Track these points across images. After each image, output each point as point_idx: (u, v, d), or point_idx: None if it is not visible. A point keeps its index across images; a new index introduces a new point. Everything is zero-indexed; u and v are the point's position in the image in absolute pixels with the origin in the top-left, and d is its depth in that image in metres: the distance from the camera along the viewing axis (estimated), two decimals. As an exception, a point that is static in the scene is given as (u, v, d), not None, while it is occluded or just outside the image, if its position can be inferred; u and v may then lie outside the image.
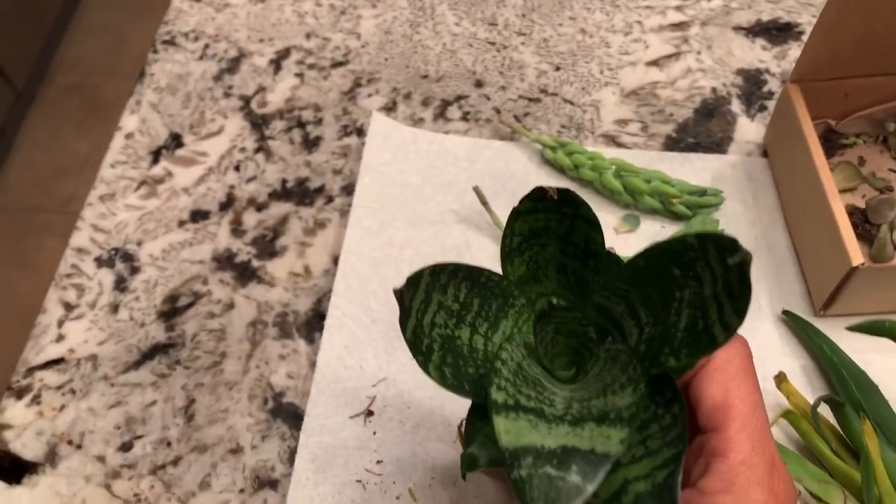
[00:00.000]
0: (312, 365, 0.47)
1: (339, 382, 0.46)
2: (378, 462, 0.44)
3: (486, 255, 0.50)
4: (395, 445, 0.44)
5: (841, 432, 0.42)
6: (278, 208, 0.54)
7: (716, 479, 0.31)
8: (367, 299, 0.49)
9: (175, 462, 0.45)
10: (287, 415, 0.46)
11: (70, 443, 0.46)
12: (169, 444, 0.46)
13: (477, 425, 0.32)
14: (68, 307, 0.51)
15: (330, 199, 0.54)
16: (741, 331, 0.46)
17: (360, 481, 0.43)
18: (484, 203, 0.50)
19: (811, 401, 0.43)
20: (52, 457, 0.45)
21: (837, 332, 0.45)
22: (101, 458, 0.45)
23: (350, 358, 0.47)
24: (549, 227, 0.31)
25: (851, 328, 0.40)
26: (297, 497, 0.43)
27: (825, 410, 0.42)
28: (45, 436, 0.46)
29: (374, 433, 0.45)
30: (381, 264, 0.50)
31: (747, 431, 0.31)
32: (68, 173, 1.54)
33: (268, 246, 0.52)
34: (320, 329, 0.48)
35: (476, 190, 0.50)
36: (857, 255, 0.42)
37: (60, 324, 0.50)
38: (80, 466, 0.45)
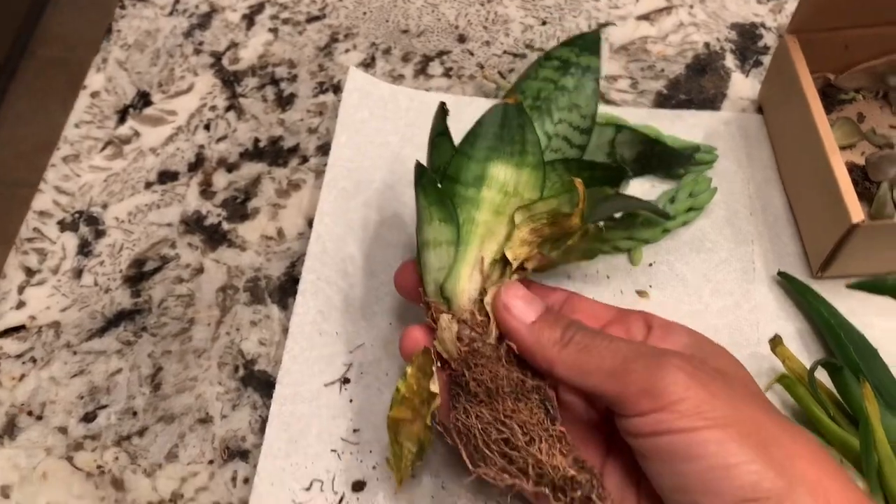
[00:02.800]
0: (285, 331, 0.45)
1: (314, 349, 0.44)
2: (354, 431, 0.42)
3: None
4: (373, 414, 0.42)
5: (839, 397, 0.40)
6: (250, 169, 0.51)
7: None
8: (344, 263, 0.46)
9: (141, 433, 0.43)
10: (259, 383, 0.44)
11: (30, 414, 0.44)
12: (134, 413, 0.43)
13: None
14: (29, 272, 0.48)
15: (305, 160, 0.51)
16: (736, 294, 0.44)
17: (335, 451, 0.41)
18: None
19: (807, 365, 0.41)
20: (10, 428, 0.43)
21: (835, 295, 0.43)
22: (62, 430, 0.43)
23: (325, 324, 0.45)
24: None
25: (851, 286, 0.38)
26: (268, 467, 0.40)
27: (822, 375, 0.40)
28: (4, 406, 0.44)
29: (351, 401, 0.43)
30: (358, 227, 0.48)
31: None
32: (51, 148, 1.51)
33: (239, 208, 0.50)
34: (294, 294, 0.46)
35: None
36: (857, 212, 0.40)
37: (21, 290, 0.48)
38: (40, 438, 0.43)
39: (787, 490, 0.28)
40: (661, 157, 0.38)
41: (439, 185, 0.37)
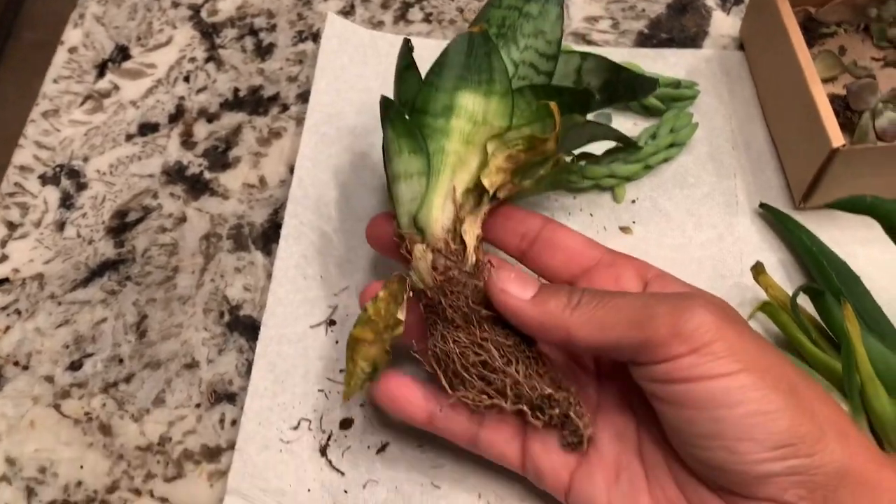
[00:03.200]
0: (270, 277, 0.45)
1: (299, 292, 0.44)
2: (341, 371, 0.42)
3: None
4: (358, 354, 0.42)
5: (821, 323, 0.40)
6: (230, 118, 0.51)
7: None
8: (327, 208, 0.46)
9: (127, 379, 0.43)
10: (244, 328, 0.44)
11: (16, 364, 0.44)
12: (121, 361, 0.43)
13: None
14: (11, 226, 0.48)
15: (285, 108, 0.51)
16: (719, 227, 0.44)
17: (322, 391, 0.41)
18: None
19: (790, 293, 0.41)
20: (-3, 378, 0.43)
21: (818, 226, 0.43)
22: (49, 379, 0.43)
23: (309, 268, 0.45)
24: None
25: (831, 205, 0.38)
26: (254, 407, 0.41)
27: (804, 303, 0.41)
28: (-10, 358, 0.44)
29: (337, 342, 0.43)
30: (340, 172, 0.47)
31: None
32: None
33: (220, 157, 0.50)
34: (277, 241, 0.46)
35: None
36: (837, 136, 0.40)
37: (4, 243, 0.47)
38: (27, 388, 0.43)
39: (819, 434, 0.28)
40: (627, 84, 0.37)
41: (407, 118, 0.37)
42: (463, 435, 0.36)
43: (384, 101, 0.37)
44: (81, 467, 0.41)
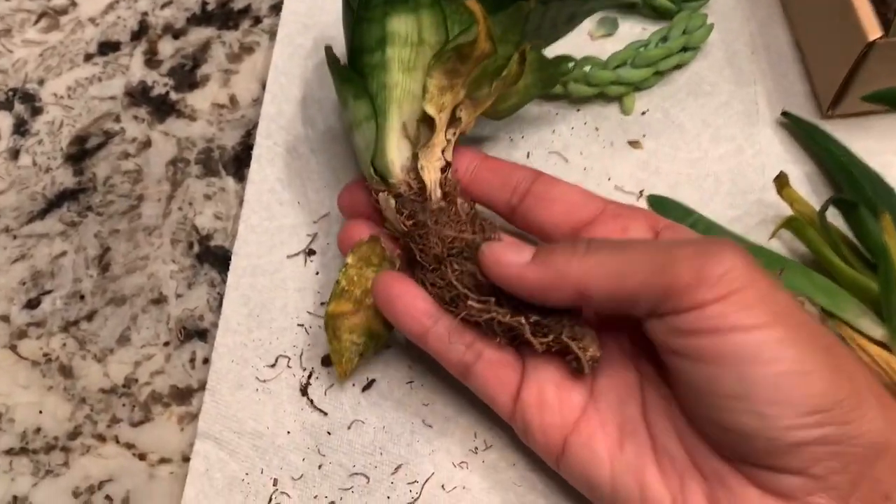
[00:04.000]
0: (242, 204, 0.41)
1: (274, 219, 0.40)
2: (322, 304, 0.38)
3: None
4: (341, 285, 0.38)
5: (852, 239, 0.36)
6: (198, 34, 0.46)
7: None
8: (304, 127, 0.42)
9: (89, 317, 0.39)
10: (216, 259, 0.40)
11: (-31, 303, 0.40)
12: (82, 297, 0.40)
13: None
14: (-39, 156, 0.44)
15: (257, 21, 0.47)
16: (738, 139, 0.39)
17: (301, 325, 0.38)
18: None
19: (817, 209, 0.37)
20: (-52, 319, 0.39)
21: (848, 136, 0.39)
22: (4, 318, 0.39)
23: (285, 193, 0.40)
24: None
25: (868, 97, 0.34)
26: (227, 343, 0.37)
27: (834, 218, 0.36)
28: (-60, 297, 0.40)
29: (317, 273, 0.39)
30: (317, 87, 0.43)
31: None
32: None
33: (187, 76, 0.45)
34: (250, 165, 0.42)
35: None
36: (873, 28, 0.35)
37: (-47, 175, 0.43)
38: (-19, 328, 0.39)
39: (857, 401, 0.25)
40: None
41: (343, 64, 0.34)
42: (457, 364, 0.32)
43: (326, 51, 0.35)
44: (40, 412, 0.37)
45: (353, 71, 0.34)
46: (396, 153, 0.33)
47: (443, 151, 0.33)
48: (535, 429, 0.30)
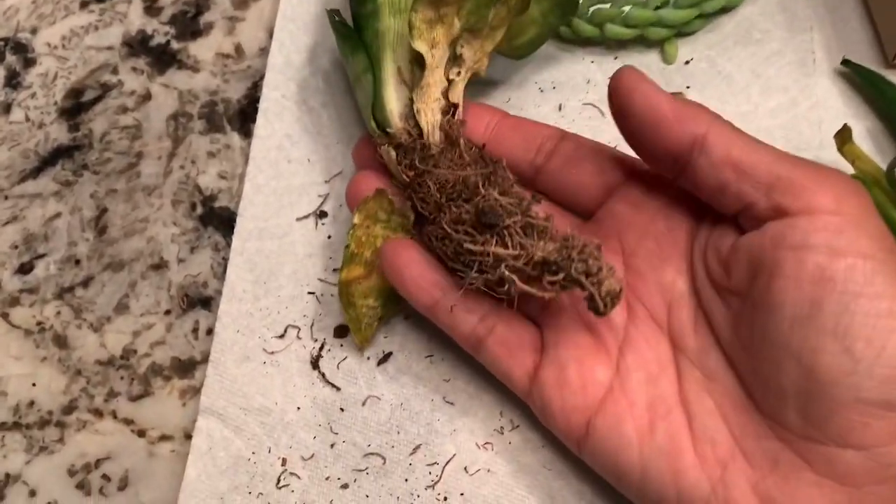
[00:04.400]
0: (248, 162, 0.38)
1: (282, 178, 0.37)
2: (334, 270, 0.35)
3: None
4: (355, 250, 0.35)
5: (924, 200, 0.32)
6: (201, -22, 0.43)
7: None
8: (315, 79, 0.39)
9: (85, 283, 0.36)
10: (220, 221, 0.37)
11: (-42, 267, 0.37)
12: (77, 262, 0.37)
13: None
14: (-50, 111, 0.41)
15: (265, -37, 0.43)
16: (792, 91, 0.36)
17: (312, 293, 0.35)
18: None
19: (883, 166, 0.33)
20: (-64, 285, 0.37)
21: (916, 85, 0.35)
22: (-5, 284, 0.37)
23: (294, 149, 0.37)
24: None
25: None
26: (231, 312, 0.34)
27: (901, 177, 0.33)
28: (-72, 261, 0.37)
29: (329, 237, 0.36)
30: (328, 35, 0.39)
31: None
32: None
33: (190, 24, 0.42)
34: (256, 119, 0.38)
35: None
36: (954, -38, 0.31)
37: (-59, 130, 0.41)
38: (-29, 294, 0.37)
39: None
40: None
41: (337, 19, 0.33)
42: (468, 338, 0.29)
43: (328, 14, 0.33)
44: (34, 385, 0.35)
45: (353, 27, 0.32)
46: (395, 101, 0.31)
47: (446, 93, 0.31)
48: (554, 410, 0.28)
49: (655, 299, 0.28)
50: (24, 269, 0.37)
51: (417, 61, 0.30)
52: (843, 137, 0.33)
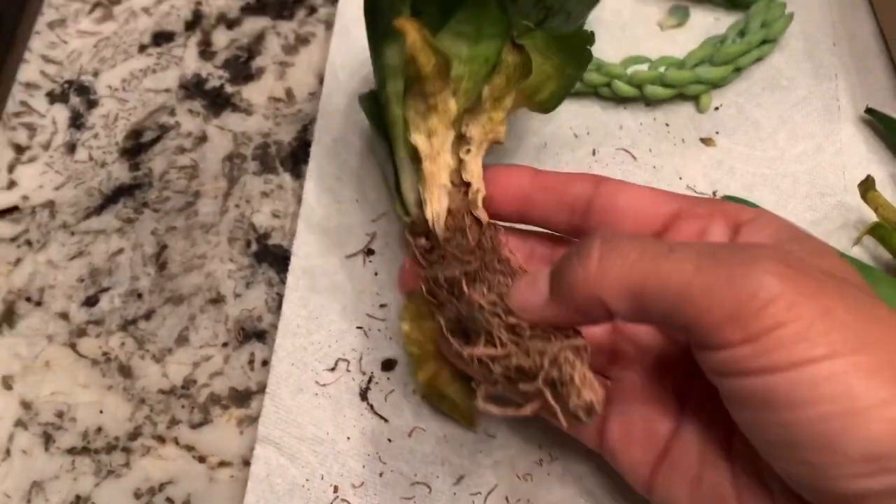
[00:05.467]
0: (300, 201, 0.40)
1: (332, 218, 0.39)
2: (381, 306, 0.37)
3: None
4: (401, 287, 0.37)
5: (944, 247, 0.34)
6: (253, 24, 0.45)
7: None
8: (362, 121, 0.41)
9: (147, 316, 0.39)
10: (274, 258, 0.39)
11: (29, 300, 0.40)
12: (140, 296, 0.39)
13: None
14: (19, 150, 0.44)
15: (313, 10, 0.45)
16: (818, 137, 0.37)
17: (360, 328, 0.37)
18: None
19: (905, 213, 0.35)
20: (9, 316, 0.39)
21: (937, 132, 0.37)
22: (64, 315, 0.39)
23: (344, 190, 0.40)
24: None
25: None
26: (287, 346, 0.36)
27: (923, 223, 0.34)
28: (1, 293, 0.40)
29: (376, 274, 0.38)
30: (374, 81, 0.42)
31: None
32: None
33: (242, 68, 0.44)
34: (307, 161, 0.41)
35: None
36: (974, 22, 0.33)
37: (11, 168, 0.43)
38: (41, 325, 0.39)
39: None
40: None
41: (367, 101, 0.34)
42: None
43: (359, 99, 0.35)
44: (101, 412, 0.37)
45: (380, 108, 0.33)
46: (409, 190, 0.31)
47: (459, 172, 0.31)
48: (624, 464, 0.29)
49: None
50: (91, 301, 0.40)
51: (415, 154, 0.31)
52: (867, 186, 0.35)
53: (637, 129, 0.39)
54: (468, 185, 0.30)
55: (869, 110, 0.38)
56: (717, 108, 0.39)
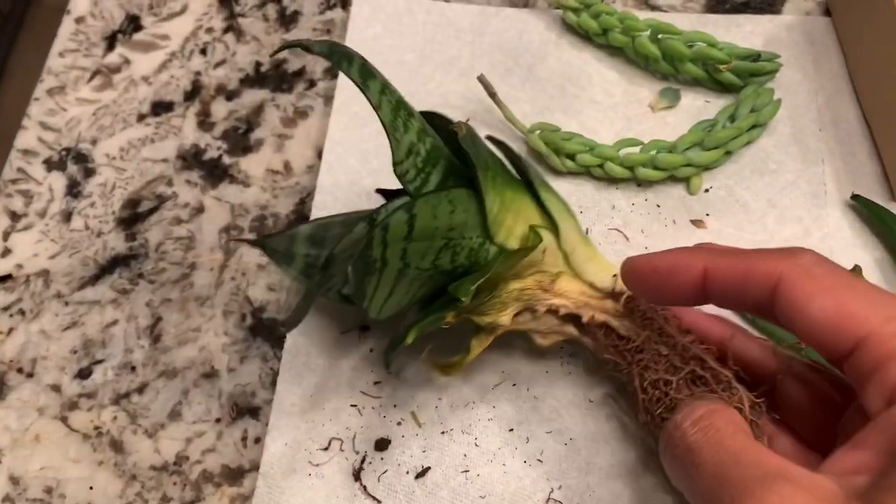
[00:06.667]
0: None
1: (328, 293, 0.39)
2: (376, 383, 0.37)
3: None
4: (395, 363, 0.38)
5: (930, 335, 0.35)
6: (252, 96, 0.46)
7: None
8: (359, 198, 0.41)
9: (140, 389, 0.39)
10: (268, 333, 0.40)
11: (20, 371, 0.40)
12: (133, 369, 0.39)
13: None
14: (14, 217, 0.44)
15: (312, 84, 0.46)
16: (805, 221, 0.38)
17: (355, 406, 0.37)
18: (492, 94, 0.41)
19: (891, 300, 0.35)
20: (0, 387, 0.39)
21: (920, 219, 0.38)
22: (55, 388, 0.39)
23: (340, 265, 0.40)
24: None
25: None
26: (280, 426, 0.36)
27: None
28: (-8, 363, 0.40)
29: (371, 350, 0.38)
30: (372, 157, 0.42)
31: None
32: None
33: (241, 140, 0.45)
34: (304, 233, 0.41)
35: (482, 80, 0.41)
36: (955, 118, 0.34)
37: (6, 236, 0.43)
38: (32, 397, 0.39)
39: None
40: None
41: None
42: None
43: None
44: (91, 488, 0.37)
45: None
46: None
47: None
48: None
49: None
50: (83, 373, 0.39)
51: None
52: (855, 273, 0.36)
53: (629, 210, 0.40)
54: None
55: (855, 196, 0.39)
56: (707, 191, 0.40)
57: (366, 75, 0.30)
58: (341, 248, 0.32)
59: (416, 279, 0.32)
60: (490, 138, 0.37)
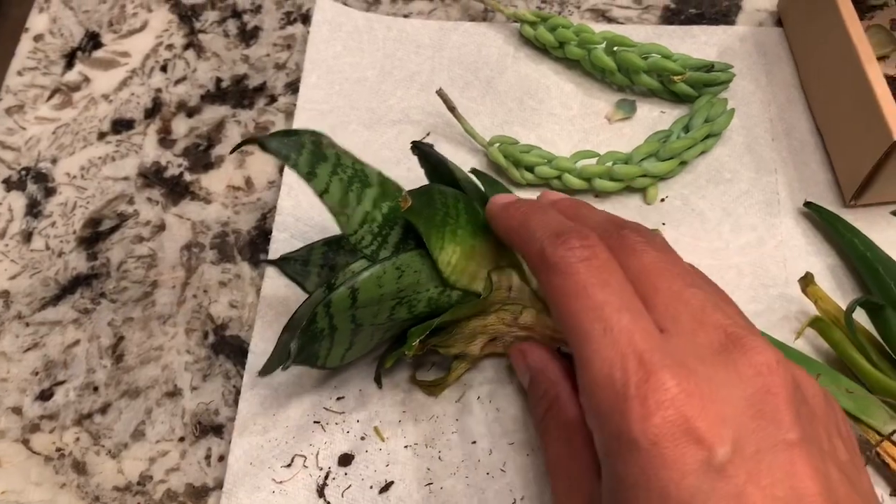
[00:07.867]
0: (258, 291, 0.40)
1: (290, 312, 0.39)
2: (339, 399, 0.37)
3: (457, 158, 0.43)
4: (359, 378, 0.38)
5: (880, 340, 0.35)
6: (213, 112, 0.46)
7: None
8: (321, 218, 0.42)
9: (103, 410, 0.39)
10: (231, 350, 0.40)
11: (-19, 394, 0.39)
12: (95, 389, 0.39)
13: None
14: (-26, 238, 0.43)
15: (273, 99, 0.46)
16: (759, 229, 0.39)
17: (318, 422, 0.37)
18: (451, 108, 0.42)
19: (842, 305, 0.36)
20: (-40, 411, 0.39)
21: (872, 226, 0.39)
22: (16, 410, 0.39)
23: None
24: None
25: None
26: (243, 445, 0.36)
27: (860, 316, 0.36)
28: (-48, 387, 0.39)
29: (333, 368, 0.38)
30: (334, 171, 0.43)
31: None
32: None
33: (202, 157, 0.45)
34: (266, 250, 0.41)
35: (441, 94, 0.41)
36: (899, 128, 0.35)
37: (-35, 258, 0.43)
38: (-7, 420, 0.39)
39: None
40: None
41: None
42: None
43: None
44: (53, 511, 0.37)
45: None
46: None
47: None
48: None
49: None
50: (45, 395, 0.39)
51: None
52: (807, 281, 0.36)
53: (588, 221, 0.41)
54: None
55: (807, 203, 0.40)
56: (663, 200, 0.41)
57: (315, 160, 0.30)
58: (294, 322, 0.33)
59: (378, 329, 0.32)
60: (475, 171, 0.37)
